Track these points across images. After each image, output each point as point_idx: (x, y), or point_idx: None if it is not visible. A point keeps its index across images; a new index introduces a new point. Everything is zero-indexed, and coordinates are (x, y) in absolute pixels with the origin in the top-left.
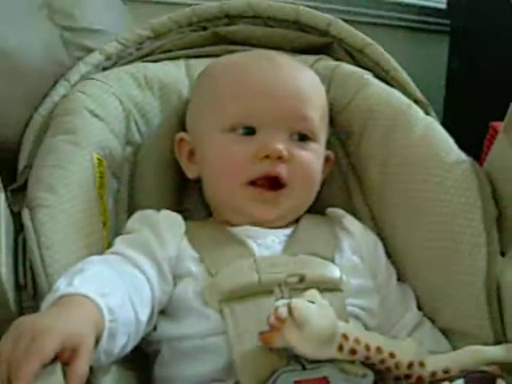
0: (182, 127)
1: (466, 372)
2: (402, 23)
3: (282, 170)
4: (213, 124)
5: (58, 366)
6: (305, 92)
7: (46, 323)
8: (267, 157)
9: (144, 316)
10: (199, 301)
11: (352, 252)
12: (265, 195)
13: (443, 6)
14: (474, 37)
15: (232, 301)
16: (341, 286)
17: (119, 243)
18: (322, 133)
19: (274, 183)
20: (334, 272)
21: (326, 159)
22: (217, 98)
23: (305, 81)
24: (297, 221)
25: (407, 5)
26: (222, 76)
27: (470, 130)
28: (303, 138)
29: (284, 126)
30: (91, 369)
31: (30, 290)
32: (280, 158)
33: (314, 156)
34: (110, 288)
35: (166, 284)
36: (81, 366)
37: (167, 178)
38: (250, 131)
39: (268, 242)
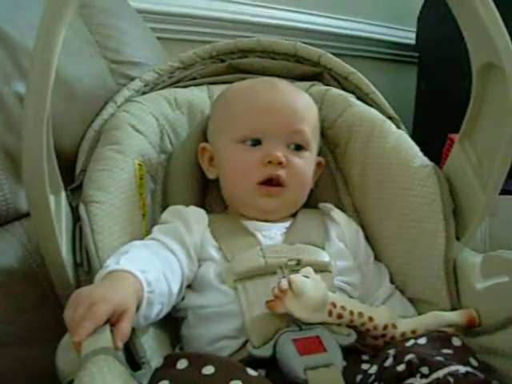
0: (204, 138)
1: (429, 332)
2: (379, 56)
3: (281, 173)
4: (227, 136)
5: (107, 327)
6: (300, 111)
7: (100, 294)
8: (270, 162)
9: (175, 289)
10: (218, 280)
11: (338, 239)
12: (270, 191)
13: (413, 41)
14: (437, 66)
15: (244, 280)
16: (330, 268)
17: (156, 231)
18: (314, 143)
19: (277, 183)
20: (325, 257)
21: (318, 164)
22: (230, 115)
23: (300, 102)
24: (294, 215)
25: (383, 41)
26: (235, 98)
27: (433, 140)
28: (298, 147)
29: (283, 138)
30: (133, 329)
31: (85, 267)
32: (280, 163)
33: (306, 162)
34: (149, 266)
35: (193, 264)
36: (125, 327)
37: (192, 179)
38: (257, 142)
39: (272, 234)
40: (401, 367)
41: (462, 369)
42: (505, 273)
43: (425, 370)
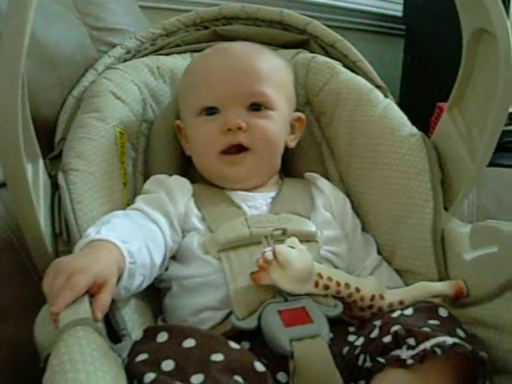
0: None
1: (416, 303)
2: (366, 27)
3: (242, 138)
4: (189, 111)
5: (86, 298)
6: (256, 72)
7: (80, 263)
8: (229, 130)
9: (158, 260)
10: (202, 250)
11: (324, 209)
12: (234, 159)
13: (400, 13)
14: (423, 38)
15: (228, 250)
16: (316, 238)
17: (139, 201)
18: (282, 101)
19: (240, 149)
20: (311, 227)
21: (298, 119)
22: (189, 89)
23: (257, 64)
24: (281, 184)
25: (370, 12)
26: (192, 71)
27: (420, 109)
28: (259, 108)
29: (239, 101)
30: (113, 301)
31: (64, 237)
32: (239, 128)
33: (271, 121)
34: (131, 236)
35: (176, 235)
36: (105, 298)
37: (173, 149)
38: (214, 111)
39: (257, 205)
40: (387, 338)
41: (449, 340)
42: (494, 243)
43: (411, 341)
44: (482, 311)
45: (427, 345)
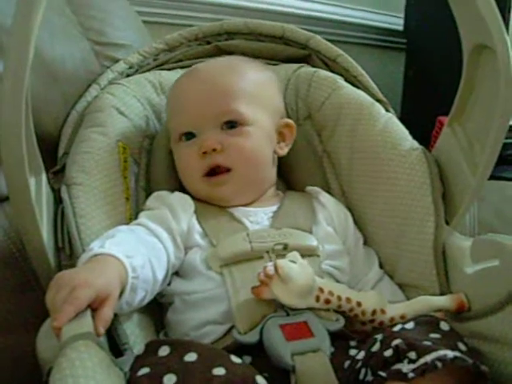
0: None
1: (417, 317)
2: (367, 41)
3: (219, 160)
4: (172, 137)
5: (88, 312)
6: (225, 90)
7: (83, 278)
8: (205, 152)
9: (160, 276)
10: (204, 265)
11: (326, 223)
12: (217, 179)
13: (401, 27)
14: (424, 52)
15: (230, 265)
16: (317, 253)
17: (143, 217)
18: (259, 114)
19: (221, 171)
20: (312, 241)
21: (287, 125)
22: (168, 116)
23: (229, 80)
24: (282, 198)
25: (371, 27)
26: (169, 97)
27: (421, 123)
28: (234, 125)
29: (212, 122)
30: (116, 315)
31: (66, 251)
32: (214, 150)
33: (247, 138)
34: (134, 251)
35: (179, 252)
36: (107, 313)
37: (174, 165)
38: (191, 136)
39: (258, 219)
40: (388, 352)
41: (450, 353)
42: (495, 257)
43: (412, 355)
44: (483, 325)
45: (428, 358)
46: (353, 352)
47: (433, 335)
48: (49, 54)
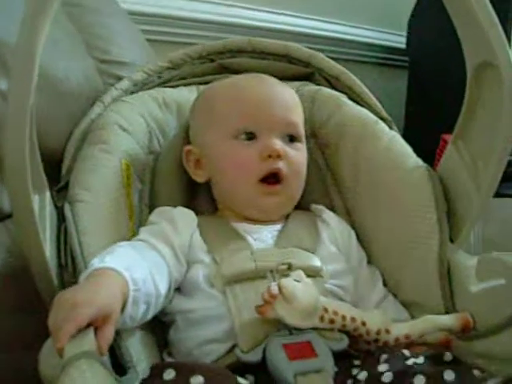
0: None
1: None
2: (370, 59)
3: (281, 166)
4: (218, 134)
5: (91, 330)
6: (290, 103)
7: (84, 297)
8: (269, 156)
9: (163, 290)
10: (207, 283)
11: (330, 242)
12: (272, 189)
13: (403, 45)
14: (427, 69)
15: (233, 284)
16: (321, 273)
17: (143, 232)
18: (304, 136)
19: (275, 178)
20: (316, 262)
21: None
22: (218, 112)
23: (288, 95)
24: (286, 217)
25: (373, 45)
26: (220, 95)
27: (425, 141)
28: (292, 139)
29: (277, 130)
30: (118, 331)
31: (70, 268)
32: (279, 156)
33: (301, 154)
34: (135, 265)
35: (181, 266)
36: (109, 331)
37: (179, 181)
38: (251, 136)
39: (262, 237)
40: None
41: None
42: (501, 275)
43: None
44: (489, 344)
45: None
46: (355, 371)
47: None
48: (53, 72)
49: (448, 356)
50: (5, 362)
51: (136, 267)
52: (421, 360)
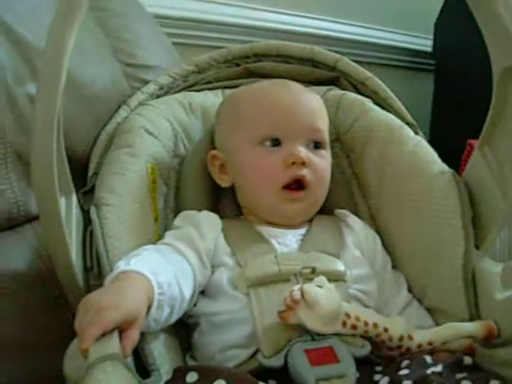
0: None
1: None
2: (396, 63)
3: (306, 173)
4: (242, 139)
5: (116, 333)
6: (316, 110)
7: (110, 301)
8: (293, 163)
9: (187, 294)
10: (231, 286)
11: (354, 246)
12: (294, 195)
13: (429, 49)
14: (453, 73)
15: (257, 286)
16: (345, 278)
17: (168, 236)
18: (328, 143)
19: (299, 185)
20: (340, 266)
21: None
22: (243, 117)
23: (314, 101)
24: (310, 221)
25: (400, 48)
26: (246, 100)
27: (451, 146)
28: (317, 146)
29: (302, 137)
30: (143, 334)
31: (95, 271)
32: (303, 163)
33: (325, 161)
34: (160, 268)
35: (206, 270)
36: (134, 334)
37: (204, 184)
38: (276, 143)
39: (287, 242)
40: None
41: None
42: None
43: None
44: None
45: None
46: (377, 377)
47: (459, 375)
48: (80, 76)
49: (467, 360)
50: (30, 363)
51: (161, 271)
52: (439, 368)
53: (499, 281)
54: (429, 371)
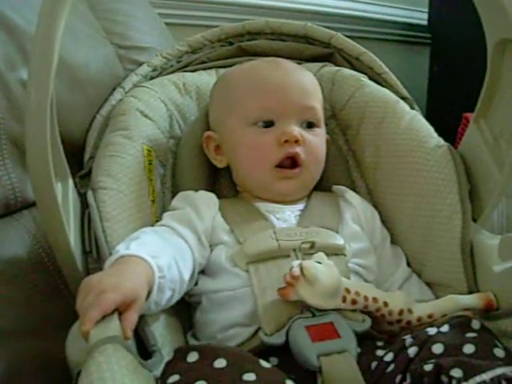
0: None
1: (449, 318)
2: (391, 37)
3: (299, 151)
4: (236, 120)
5: (116, 315)
6: (308, 88)
7: (110, 282)
8: (287, 141)
9: (187, 275)
10: (230, 263)
11: (353, 221)
12: (288, 173)
13: (425, 22)
14: (449, 47)
15: (256, 262)
16: (344, 252)
17: (166, 218)
18: (322, 120)
19: (292, 163)
20: (339, 240)
21: (326, 141)
22: (236, 98)
23: (307, 79)
24: (309, 197)
25: (395, 22)
26: (238, 80)
27: (447, 120)
28: (310, 125)
29: (295, 116)
30: (143, 316)
31: (94, 255)
32: (296, 141)
33: (319, 139)
34: (160, 252)
35: (204, 250)
36: (133, 316)
37: (201, 164)
38: (269, 123)
39: (285, 217)
40: (428, 367)
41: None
42: None
43: (457, 372)
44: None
45: (485, 377)
46: (380, 352)
47: (469, 334)
48: (72, 59)
49: (475, 324)
50: (33, 348)
51: (161, 254)
52: (445, 328)
53: (497, 253)
54: (432, 332)
